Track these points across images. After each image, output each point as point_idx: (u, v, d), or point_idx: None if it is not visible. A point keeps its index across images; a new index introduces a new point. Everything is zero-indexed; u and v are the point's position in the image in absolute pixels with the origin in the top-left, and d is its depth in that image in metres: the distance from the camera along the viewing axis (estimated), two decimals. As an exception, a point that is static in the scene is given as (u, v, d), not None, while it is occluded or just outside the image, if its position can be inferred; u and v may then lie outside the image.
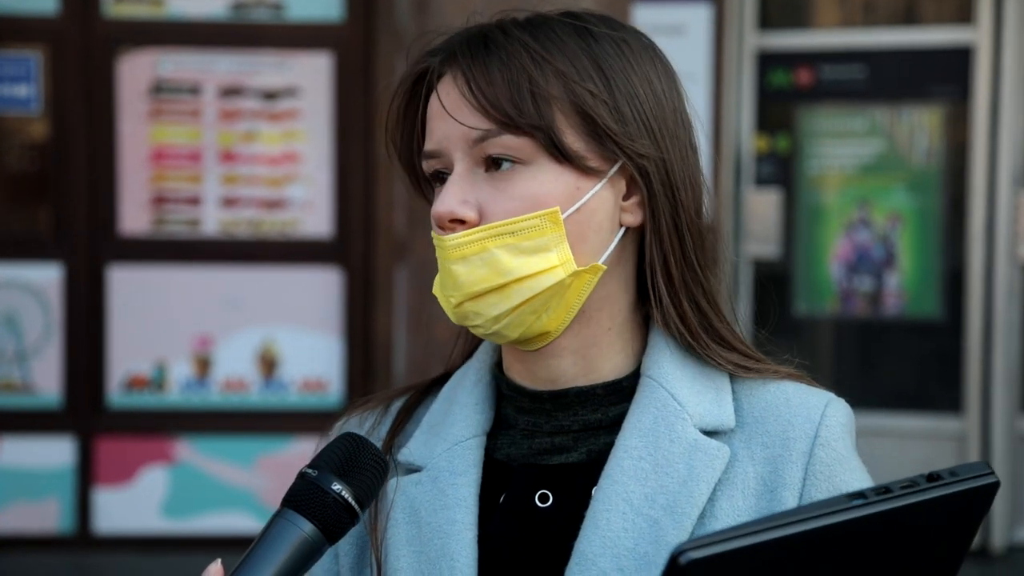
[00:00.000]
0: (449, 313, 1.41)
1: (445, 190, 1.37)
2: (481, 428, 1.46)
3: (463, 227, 1.36)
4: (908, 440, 6.29)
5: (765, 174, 6.59)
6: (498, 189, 1.36)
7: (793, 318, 6.63)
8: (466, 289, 1.36)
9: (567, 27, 1.40)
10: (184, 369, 5.90)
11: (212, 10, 5.89)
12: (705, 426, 1.40)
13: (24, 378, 5.85)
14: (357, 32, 5.87)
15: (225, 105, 5.90)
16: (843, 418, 1.42)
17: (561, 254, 1.36)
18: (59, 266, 5.84)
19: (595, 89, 1.36)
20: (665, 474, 1.37)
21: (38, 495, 5.84)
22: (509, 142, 1.35)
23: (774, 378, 1.45)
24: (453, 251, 1.36)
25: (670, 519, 1.35)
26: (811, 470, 1.37)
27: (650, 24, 6.03)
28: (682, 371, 1.42)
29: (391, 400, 1.56)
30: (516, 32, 1.38)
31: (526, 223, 1.35)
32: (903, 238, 6.49)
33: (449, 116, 1.37)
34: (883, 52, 6.46)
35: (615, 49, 1.40)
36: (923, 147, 6.47)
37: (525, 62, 1.35)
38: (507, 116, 1.34)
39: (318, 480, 1.25)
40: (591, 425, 1.43)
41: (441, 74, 1.40)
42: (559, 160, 1.36)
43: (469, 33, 1.41)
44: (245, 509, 5.84)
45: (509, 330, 1.38)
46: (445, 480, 1.43)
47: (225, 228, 5.91)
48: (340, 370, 5.93)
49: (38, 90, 5.83)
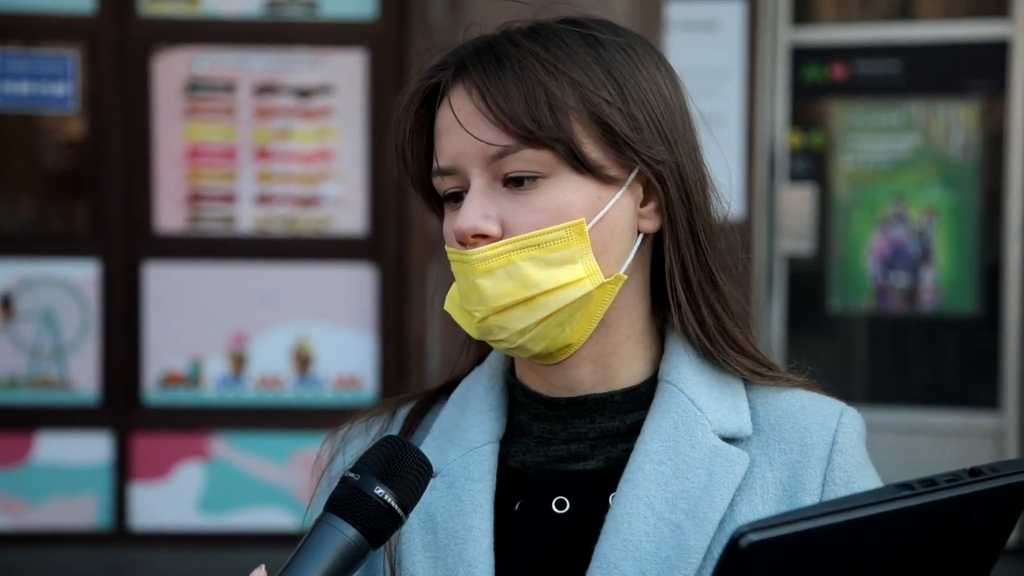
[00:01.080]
0: (470, 329, 1.39)
1: (466, 205, 1.35)
2: (495, 435, 1.46)
3: (486, 241, 1.35)
4: (944, 437, 6.25)
5: (799, 170, 6.56)
6: (520, 202, 1.35)
7: (828, 315, 6.60)
8: (492, 303, 1.35)
9: (574, 35, 1.38)
10: (219, 366, 5.93)
11: (247, 8, 5.91)
12: (724, 432, 1.40)
13: (61, 374, 5.89)
14: (390, 29, 5.88)
15: (260, 103, 5.93)
16: (858, 426, 1.43)
17: (587, 265, 1.35)
18: (96, 263, 5.88)
19: (609, 97, 1.35)
20: (686, 479, 1.37)
21: (75, 491, 5.88)
22: (529, 156, 1.33)
23: (787, 386, 1.45)
24: (479, 265, 1.34)
25: (692, 524, 1.35)
26: (830, 476, 1.38)
27: (684, 20, 6.03)
28: (700, 377, 1.43)
29: (396, 406, 1.55)
30: (526, 43, 1.36)
31: (552, 235, 1.34)
32: (939, 233, 6.45)
33: (463, 131, 1.35)
34: (918, 46, 6.42)
35: (623, 55, 1.39)
36: (959, 142, 6.43)
37: (539, 73, 1.34)
38: (527, 130, 1.32)
39: (361, 484, 1.24)
40: (608, 433, 1.43)
41: (452, 88, 1.38)
42: (579, 171, 1.35)
43: (477, 46, 1.39)
44: (280, 505, 5.86)
45: (533, 344, 1.37)
46: (461, 486, 1.42)
47: (260, 225, 5.94)
48: (374, 366, 5.95)
49: (75, 88, 5.87)
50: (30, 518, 5.87)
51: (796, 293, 6.58)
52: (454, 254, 1.37)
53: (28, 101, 5.88)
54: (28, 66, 5.86)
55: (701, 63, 6.06)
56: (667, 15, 5.82)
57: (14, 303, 5.88)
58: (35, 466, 5.87)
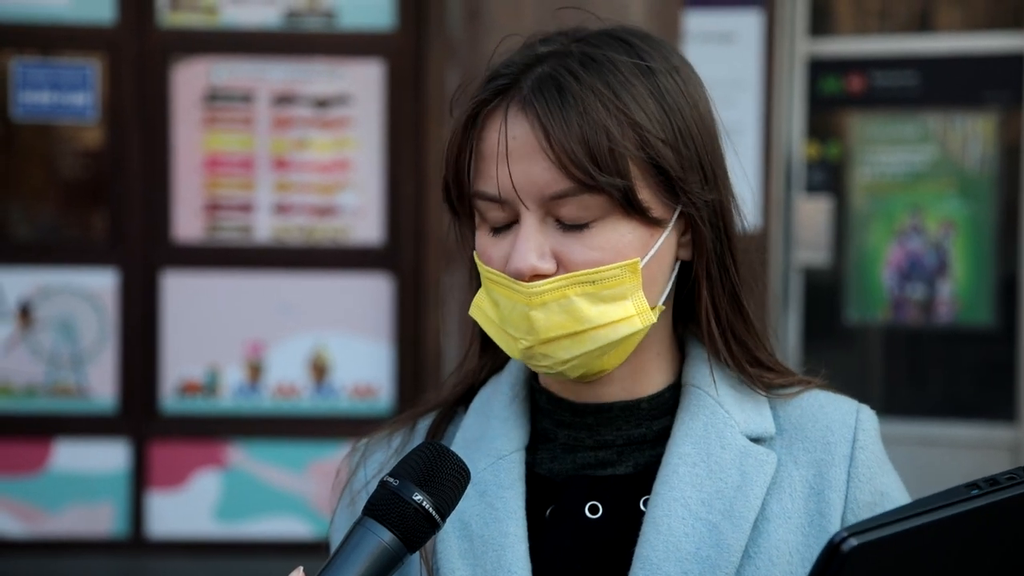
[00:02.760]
0: (511, 351, 1.39)
1: (522, 243, 1.34)
2: (522, 442, 1.47)
3: (540, 278, 1.34)
4: (960, 449, 6.24)
5: (816, 181, 6.56)
6: (576, 239, 1.35)
7: (844, 326, 6.60)
8: (541, 335, 1.35)
9: (629, 65, 1.37)
10: (236, 375, 5.94)
11: (265, 19, 5.94)
12: (750, 433, 1.43)
13: (79, 383, 5.92)
14: (409, 40, 5.90)
15: (278, 113, 5.95)
16: (875, 423, 1.47)
17: (637, 303, 1.36)
18: (114, 272, 5.90)
19: (664, 136, 1.35)
20: (720, 479, 1.39)
21: (92, 498, 5.90)
22: (586, 201, 1.33)
23: (803, 388, 1.48)
24: (535, 298, 1.34)
25: (729, 523, 1.37)
26: (853, 472, 1.41)
27: (701, 31, 6.04)
28: (723, 380, 1.46)
29: (416, 419, 1.56)
30: (586, 76, 1.34)
31: (607, 273, 1.34)
32: (956, 245, 6.44)
33: (520, 164, 1.34)
34: (935, 58, 6.42)
35: (671, 82, 1.39)
36: (976, 154, 6.42)
37: (602, 115, 1.32)
38: (587, 175, 1.31)
39: (399, 489, 1.25)
40: (635, 439, 1.45)
41: (508, 112, 1.36)
42: (630, 214, 1.35)
43: (534, 71, 1.37)
44: (296, 514, 5.87)
45: (572, 371, 1.38)
46: (493, 494, 1.43)
47: (277, 235, 5.96)
48: (390, 376, 5.96)
49: (95, 98, 5.90)
50: (47, 526, 5.89)
51: (812, 304, 6.57)
52: (499, 278, 1.37)
53: (48, 111, 5.92)
54: (48, 76, 5.89)
55: (718, 74, 6.07)
56: (685, 26, 5.82)
57: (33, 311, 5.91)
58: (52, 474, 5.90)
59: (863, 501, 1.41)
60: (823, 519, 1.39)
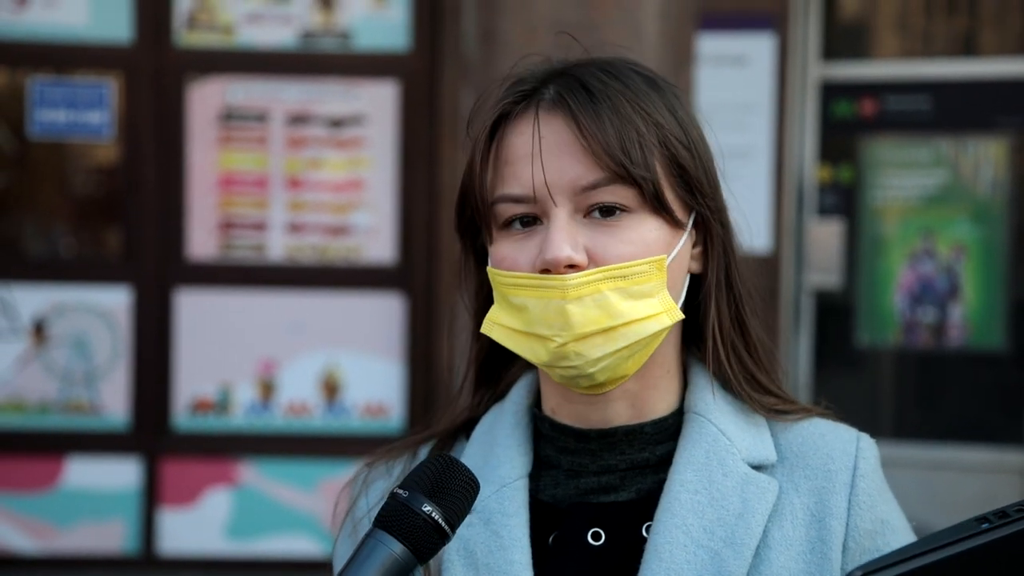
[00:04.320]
0: (540, 356, 1.39)
1: (554, 234, 1.36)
2: (525, 469, 1.48)
3: (574, 270, 1.36)
4: (971, 473, 6.24)
5: (828, 204, 6.58)
6: (607, 233, 1.37)
7: (856, 349, 6.60)
8: (577, 330, 1.36)
9: (639, 76, 1.42)
10: (248, 393, 5.96)
11: (281, 40, 5.97)
12: (752, 460, 1.44)
13: (92, 400, 5.94)
14: (423, 61, 5.93)
15: (292, 132, 5.98)
16: (875, 452, 1.48)
17: (664, 301, 1.38)
18: (128, 290, 5.93)
19: (684, 141, 1.40)
20: (721, 507, 1.40)
21: (104, 516, 5.91)
22: (619, 191, 1.36)
23: (804, 416, 1.49)
24: (572, 291, 1.35)
25: (730, 551, 1.38)
26: (854, 500, 1.42)
27: (714, 54, 6.06)
28: (725, 408, 1.47)
29: (416, 446, 1.56)
30: (608, 80, 1.39)
31: (638, 268, 1.36)
32: (967, 269, 6.45)
33: (552, 159, 1.36)
34: (947, 83, 6.44)
35: (677, 101, 1.43)
36: (988, 178, 6.43)
37: (629, 112, 1.37)
38: (621, 166, 1.35)
39: (409, 501, 1.27)
40: (638, 464, 1.46)
41: (541, 114, 1.39)
42: (656, 211, 1.38)
43: (560, 76, 1.41)
44: (307, 532, 5.88)
45: (601, 373, 1.38)
46: (498, 522, 1.43)
47: (290, 254, 5.98)
48: (402, 395, 5.97)
49: (111, 116, 5.94)
50: (59, 543, 5.90)
51: (824, 327, 6.58)
52: (528, 279, 1.38)
53: (64, 129, 5.95)
54: (65, 94, 5.93)
55: (731, 97, 6.09)
56: (698, 49, 5.85)
57: (47, 328, 5.93)
58: (65, 491, 5.91)
59: (864, 529, 1.41)
60: (824, 546, 1.40)
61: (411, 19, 5.94)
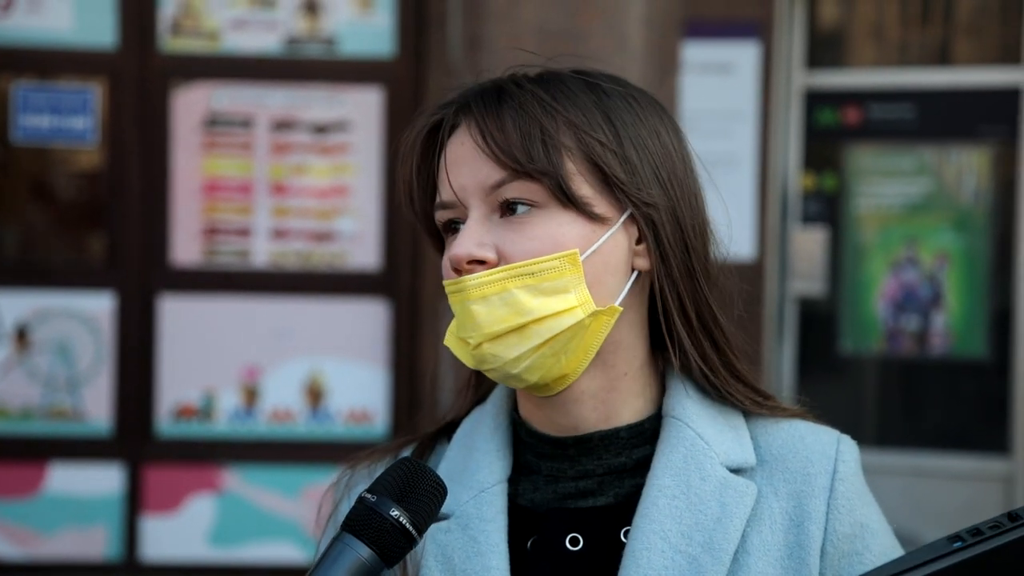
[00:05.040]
0: (465, 358, 1.42)
1: (462, 233, 1.39)
2: (504, 474, 1.48)
3: (482, 268, 1.38)
4: (954, 481, 6.25)
5: (812, 212, 6.59)
6: (516, 231, 1.38)
7: (839, 357, 6.62)
8: (485, 329, 1.37)
9: (578, 82, 1.43)
10: (232, 399, 5.95)
11: (266, 45, 5.97)
12: (730, 464, 1.44)
13: (75, 405, 5.92)
14: (408, 67, 5.93)
15: (276, 138, 5.98)
16: (855, 454, 1.47)
17: (580, 295, 1.38)
18: (111, 295, 5.92)
19: (605, 139, 1.40)
20: (699, 512, 1.40)
21: (86, 522, 5.90)
22: (523, 187, 1.38)
23: (784, 416, 1.49)
24: (474, 291, 1.37)
25: (708, 556, 1.38)
26: (833, 504, 1.42)
27: (699, 62, 6.08)
28: (703, 411, 1.46)
29: (398, 449, 1.57)
30: (528, 85, 1.41)
31: (546, 264, 1.37)
32: (950, 278, 6.47)
33: (463, 165, 1.40)
34: (931, 92, 6.46)
35: (624, 103, 1.43)
36: (971, 187, 6.46)
37: (536, 112, 1.38)
38: (518, 163, 1.37)
39: (376, 505, 1.27)
40: (615, 468, 1.45)
41: (455, 125, 1.43)
42: (567, 207, 1.38)
43: (483, 87, 1.44)
44: (290, 539, 5.87)
45: (528, 374, 1.39)
46: (476, 527, 1.44)
47: (274, 260, 5.97)
48: (386, 401, 5.97)
49: (95, 122, 5.93)
50: (41, 549, 5.89)
51: (807, 335, 6.59)
52: (450, 284, 1.41)
53: (48, 134, 5.94)
54: (49, 100, 5.92)
55: (716, 105, 6.11)
56: (683, 57, 5.87)
57: (29, 334, 5.92)
58: (47, 497, 5.89)
59: (842, 533, 1.41)
60: (802, 551, 1.40)
61: (396, 25, 5.95)
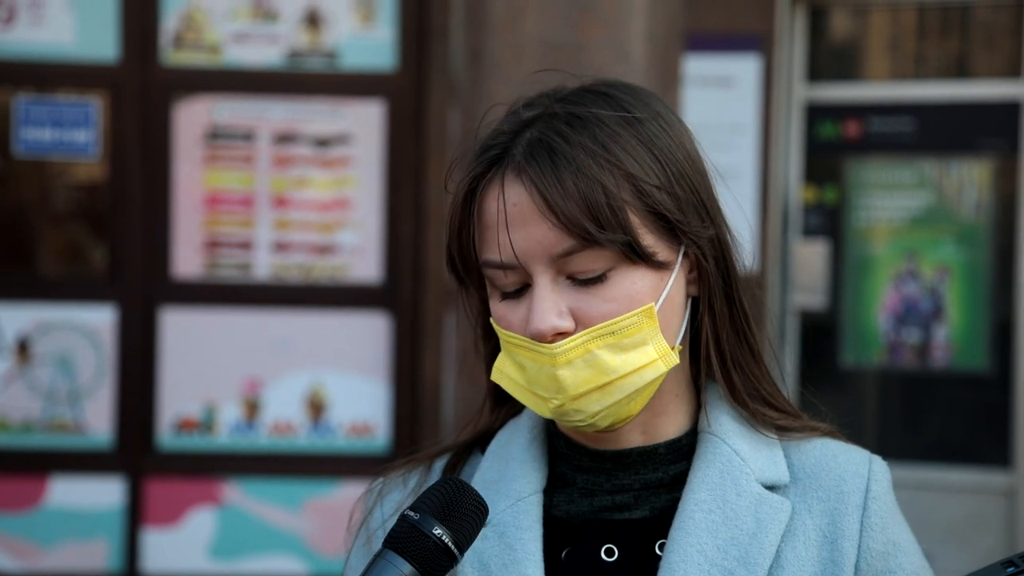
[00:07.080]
0: (541, 410, 1.42)
1: (538, 304, 1.37)
2: (540, 485, 1.49)
3: (562, 337, 1.37)
4: (956, 494, 6.25)
5: (813, 225, 6.60)
6: (590, 294, 1.37)
7: (840, 369, 6.62)
8: (571, 392, 1.37)
9: (613, 118, 1.40)
10: (233, 412, 5.95)
11: (267, 59, 5.98)
12: (765, 480, 1.45)
13: (76, 418, 5.92)
14: (410, 81, 5.94)
15: (278, 151, 5.98)
16: (887, 474, 1.50)
17: (658, 346, 1.39)
18: (113, 308, 5.92)
19: (658, 182, 1.38)
20: (735, 526, 1.41)
21: (87, 535, 5.89)
22: (593, 255, 1.36)
23: (815, 435, 1.51)
24: (560, 358, 1.36)
25: (744, 570, 1.39)
26: (867, 522, 1.44)
27: (700, 75, 6.08)
28: (739, 428, 1.48)
29: (432, 459, 1.58)
30: (573, 135, 1.37)
31: (625, 322, 1.37)
32: (951, 290, 6.47)
33: (523, 229, 1.37)
34: (932, 105, 6.47)
35: (657, 128, 1.42)
36: (972, 200, 6.46)
37: (595, 171, 1.35)
38: (588, 233, 1.34)
39: (419, 523, 1.28)
40: (652, 484, 1.47)
41: (505, 181, 1.38)
42: (636, 263, 1.37)
43: (524, 136, 1.39)
44: (292, 552, 5.87)
45: (603, 421, 1.40)
46: (512, 535, 1.45)
47: (276, 272, 5.97)
48: (387, 415, 5.97)
49: (96, 135, 5.93)
50: (42, 562, 5.88)
51: (808, 347, 6.59)
52: (522, 341, 1.39)
53: (50, 147, 5.94)
54: (51, 113, 5.93)
55: (717, 118, 6.11)
56: (684, 70, 5.87)
57: (31, 347, 5.92)
58: (48, 510, 5.89)
59: (876, 550, 1.43)
60: (836, 567, 1.41)
61: (398, 39, 5.96)
